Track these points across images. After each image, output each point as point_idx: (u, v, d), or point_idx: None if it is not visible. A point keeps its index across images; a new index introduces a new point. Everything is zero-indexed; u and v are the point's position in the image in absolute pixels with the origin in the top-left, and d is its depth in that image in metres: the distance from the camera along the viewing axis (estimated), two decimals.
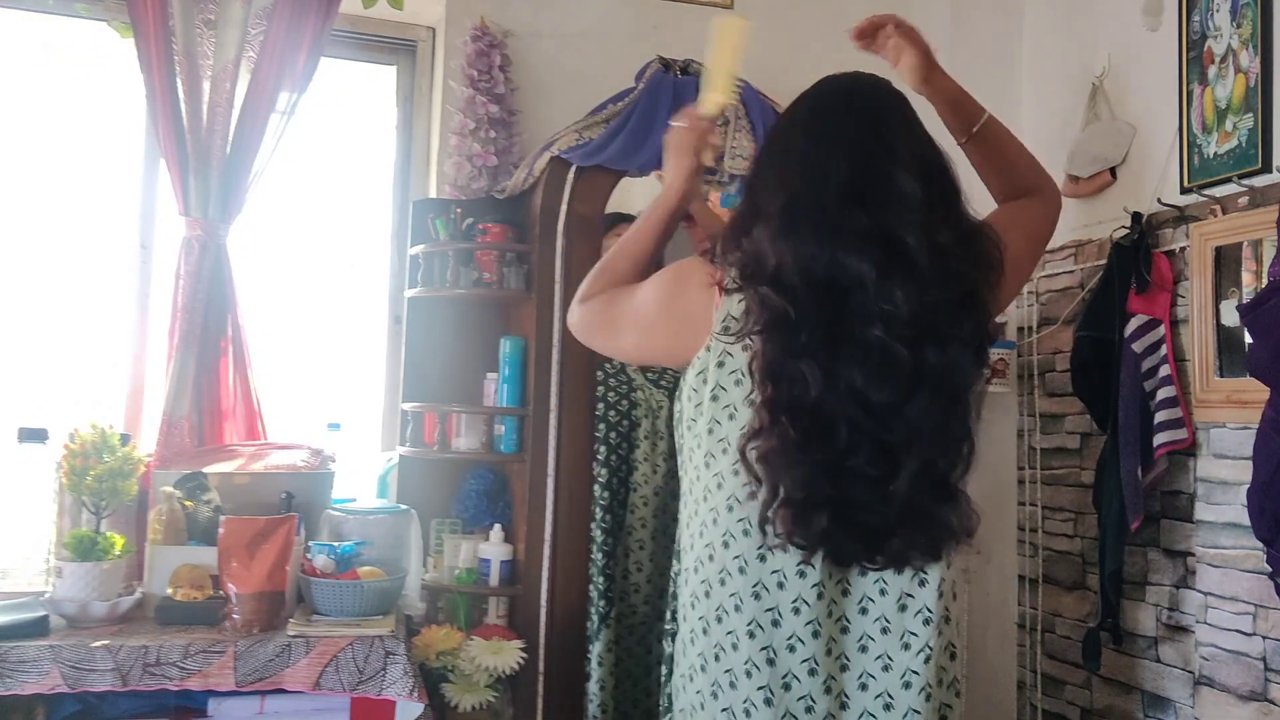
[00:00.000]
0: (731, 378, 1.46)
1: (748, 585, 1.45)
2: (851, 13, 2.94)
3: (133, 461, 2.01)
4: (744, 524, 1.45)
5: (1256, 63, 2.16)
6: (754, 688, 1.44)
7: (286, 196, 2.68)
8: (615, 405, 2.47)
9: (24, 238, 2.57)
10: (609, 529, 2.52)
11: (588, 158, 2.27)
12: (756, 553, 1.45)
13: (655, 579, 2.53)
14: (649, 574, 2.53)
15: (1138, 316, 2.36)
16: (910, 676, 1.43)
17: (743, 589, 1.45)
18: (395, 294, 2.74)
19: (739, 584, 1.45)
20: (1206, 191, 2.27)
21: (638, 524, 2.54)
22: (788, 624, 1.44)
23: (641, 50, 2.54)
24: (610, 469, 2.52)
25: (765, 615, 1.44)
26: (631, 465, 2.56)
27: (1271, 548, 1.92)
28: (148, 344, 2.54)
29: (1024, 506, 2.84)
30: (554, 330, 2.24)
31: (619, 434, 2.50)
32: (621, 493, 2.55)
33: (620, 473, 2.54)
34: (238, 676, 1.77)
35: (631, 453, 2.56)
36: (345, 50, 2.74)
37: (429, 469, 2.47)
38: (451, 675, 2.10)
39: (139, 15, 2.35)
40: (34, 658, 1.71)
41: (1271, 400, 1.92)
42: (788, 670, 1.43)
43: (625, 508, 2.55)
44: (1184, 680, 2.30)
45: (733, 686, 1.44)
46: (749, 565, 1.45)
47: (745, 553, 1.45)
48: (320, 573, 1.95)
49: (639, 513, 2.55)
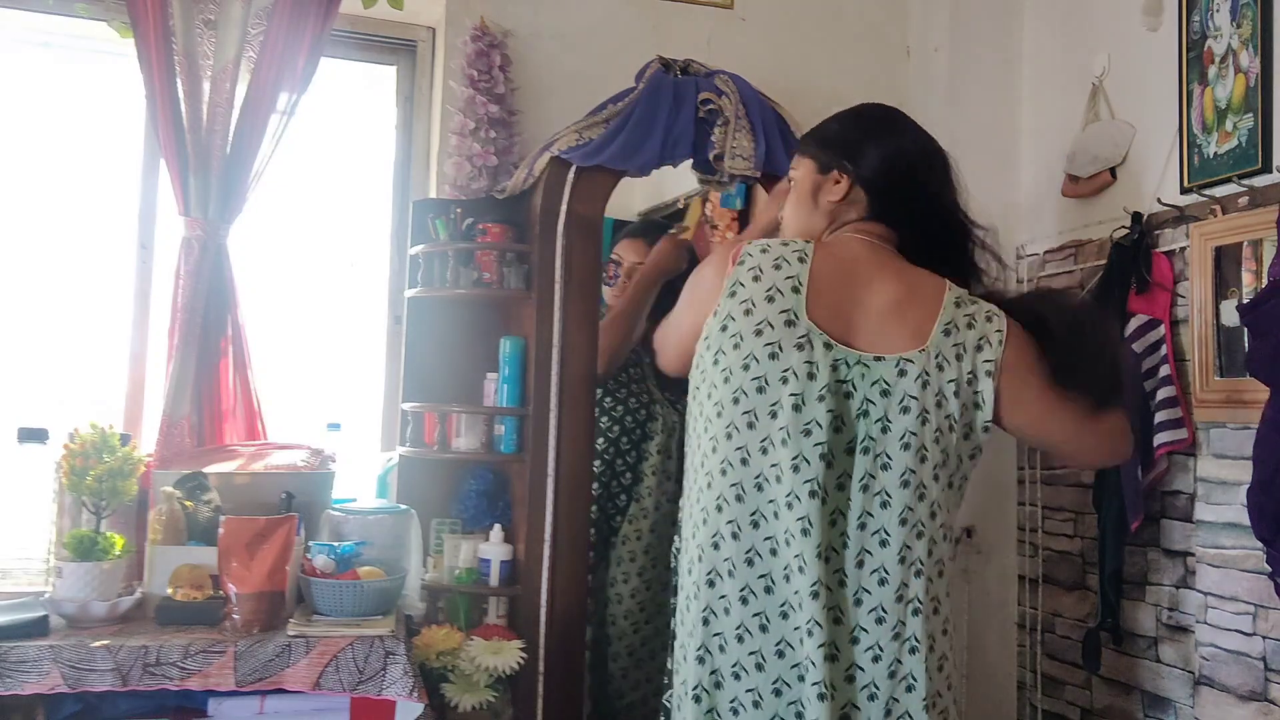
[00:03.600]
0: (731, 341, 1.56)
1: (741, 551, 1.54)
2: (852, 13, 2.98)
3: (133, 461, 2.00)
4: (737, 489, 1.55)
5: (1256, 63, 2.16)
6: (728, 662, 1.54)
7: (286, 196, 2.68)
8: (634, 412, 2.49)
9: (24, 238, 2.58)
10: (602, 531, 2.52)
11: (588, 158, 2.27)
12: (749, 519, 1.55)
13: (640, 591, 2.54)
14: (634, 587, 2.54)
15: (1138, 316, 2.36)
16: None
17: (736, 554, 1.55)
18: (395, 294, 2.74)
19: (733, 549, 1.54)
20: (1206, 191, 2.27)
21: (633, 534, 2.55)
22: (779, 591, 1.53)
23: (641, 50, 2.54)
24: (614, 473, 2.52)
25: (759, 581, 1.54)
26: (639, 475, 2.56)
27: (1271, 548, 1.92)
28: (148, 344, 2.55)
29: (1024, 506, 2.84)
30: (554, 330, 2.24)
31: (630, 440, 2.51)
32: (622, 499, 2.55)
33: (624, 479, 2.54)
34: (238, 676, 1.77)
35: (640, 463, 2.57)
36: (345, 50, 2.74)
37: (429, 469, 2.47)
38: (451, 675, 2.10)
39: (139, 15, 2.35)
40: (34, 658, 1.71)
41: (1271, 400, 1.92)
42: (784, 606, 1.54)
43: (624, 516, 2.55)
44: (1184, 680, 2.30)
45: (721, 650, 1.55)
46: (742, 531, 1.55)
47: (738, 517, 1.55)
48: (320, 573, 1.95)
49: (636, 524, 2.55)
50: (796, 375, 1.53)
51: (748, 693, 1.53)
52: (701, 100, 2.34)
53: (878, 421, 1.53)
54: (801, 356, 1.53)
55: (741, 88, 2.38)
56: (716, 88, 2.36)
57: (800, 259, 1.59)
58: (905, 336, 1.57)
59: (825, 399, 1.52)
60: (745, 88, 2.39)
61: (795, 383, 1.53)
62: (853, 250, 1.64)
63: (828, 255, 1.61)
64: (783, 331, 1.54)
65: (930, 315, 1.59)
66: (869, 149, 1.67)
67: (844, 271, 1.60)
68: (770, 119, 2.37)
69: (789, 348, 1.54)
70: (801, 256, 1.59)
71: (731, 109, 2.33)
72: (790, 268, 1.58)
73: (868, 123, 1.72)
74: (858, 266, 1.62)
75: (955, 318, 1.59)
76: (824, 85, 2.79)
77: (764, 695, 1.52)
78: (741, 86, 2.38)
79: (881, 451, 1.53)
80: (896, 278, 1.62)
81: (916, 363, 1.55)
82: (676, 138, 2.32)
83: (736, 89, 2.37)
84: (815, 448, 1.51)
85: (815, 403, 1.52)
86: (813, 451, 1.51)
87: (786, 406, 1.52)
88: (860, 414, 1.54)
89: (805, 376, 1.53)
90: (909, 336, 1.57)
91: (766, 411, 1.53)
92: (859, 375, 1.54)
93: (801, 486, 1.51)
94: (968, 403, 1.58)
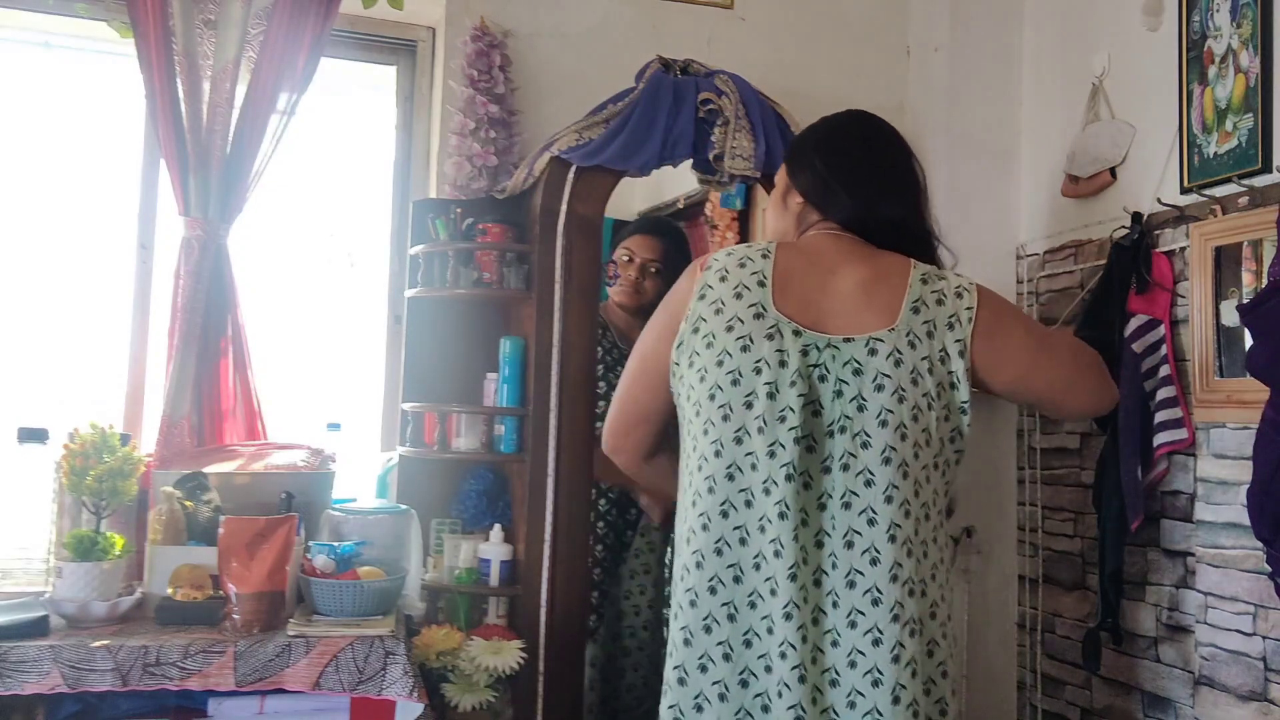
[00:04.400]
0: (704, 341, 1.58)
1: (710, 541, 1.55)
2: (851, 13, 2.98)
3: (133, 461, 2.00)
4: (709, 482, 1.56)
5: (1256, 63, 2.16)
6: (714, 642, 1.54)
7: (286, 196, 2.68)
8: None
9: (24, 237, 2.58)
10: (611, 545, 2.52)
11: (588, 158, 2.27)
12: (719, 510, 1.55)
13: (658, 602, 2.54)
14: (651, 598, 2.54)
15: (1138, 316, 2.36)
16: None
17: (705, 546, 1.55)
18: (395, 294, 2.74)
19: (702, 540, 1.55)
20: (1206, 191, 2.27)
21: (645, 547, 2.55)
22: (749, 580, 1.53)
23: (641, 50, 2.54)
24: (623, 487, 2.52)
25: (727, 570, 1.54)
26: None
27: (1271, 548, 1.92)
28: (148, 344, 2.55)
29: (1024, 506, 2.83)
30: (554, 330, 2.24)
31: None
32: (633, 513, 2.55)
33: (632, 492, 2.54)
34: (238, 676, 1.77)
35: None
36: (345, 50, 2.74)
37: (429, 469, 2.47)
38: (451, 675, 2.10)
39: (139, 15, 2.35)
40: (34, 658, 1.71)
41: (1271, 400, 1.92)
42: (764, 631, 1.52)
43: (635, 529, 2.55)
44: (1184, 680, 2.30)
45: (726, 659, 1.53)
46: (711, 522, 1.55)
47: (709, 510, 1.55)
48: (320, 573, 1.95)
49: (648, 535, 2.56)
50: (769, 364, 1.54)
51: (713, 685, 1.53)
52: (701, 100, 2.35)
53: (852, 400, 1.54)
54: (772, 346, 1.55)
55: (741, 88, 2.38)
56: (716, 88, 2.36)
57: (764, 255, 1.62)
58: (874, 316, 1.58)
59: (797, 384, 1.53)
60: (745, 88, 2.39)
61: (768, 371, 1.54)
62: (818, 244, 1.68)
63: (793, 250, 1.65)
64: (752, 325, 1.56)
65: (897, 293, 1.60)
66: (805, 171, 1.73)
67: (809, 263, 1.63)
68: (770, 119, 2.37)
69: (759, 339, 1.55)
70: (765, 253, 1.63)
71: (731, 109, 2.33)
72: (755, 264, 1.61)
73: (817, 138, 1.76)
74: (823, 257, 1.64)
75: (923, 295, 1.60)
76: (824, 85, 2.79)
77: (730, 688, 1.53)
78: (741, 86, 2.38)
79: (860, 430, 1.53)
80: (862, 261, 1.64)
81: (887, 341, 1.56)
82: (676, 138, 2.32)
83: (736, 89, 2.37)
84: (790, 432, 1.52)
85: (788, 389, 1.53)
86: (787, 436, 1.52)
87: (761, 395, 1.53)
88: (835, 395, 1.54)
89: (777, 365, 1.54)
90: (877, 315, 1.58)
91: (741, 403, 1.54)
92: (830, 358, 1.55)
93: (778, 471, 1.51)
94: (944, 383, 1.58)
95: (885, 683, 1.49)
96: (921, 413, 1.56)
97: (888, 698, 1.49)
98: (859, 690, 1.50)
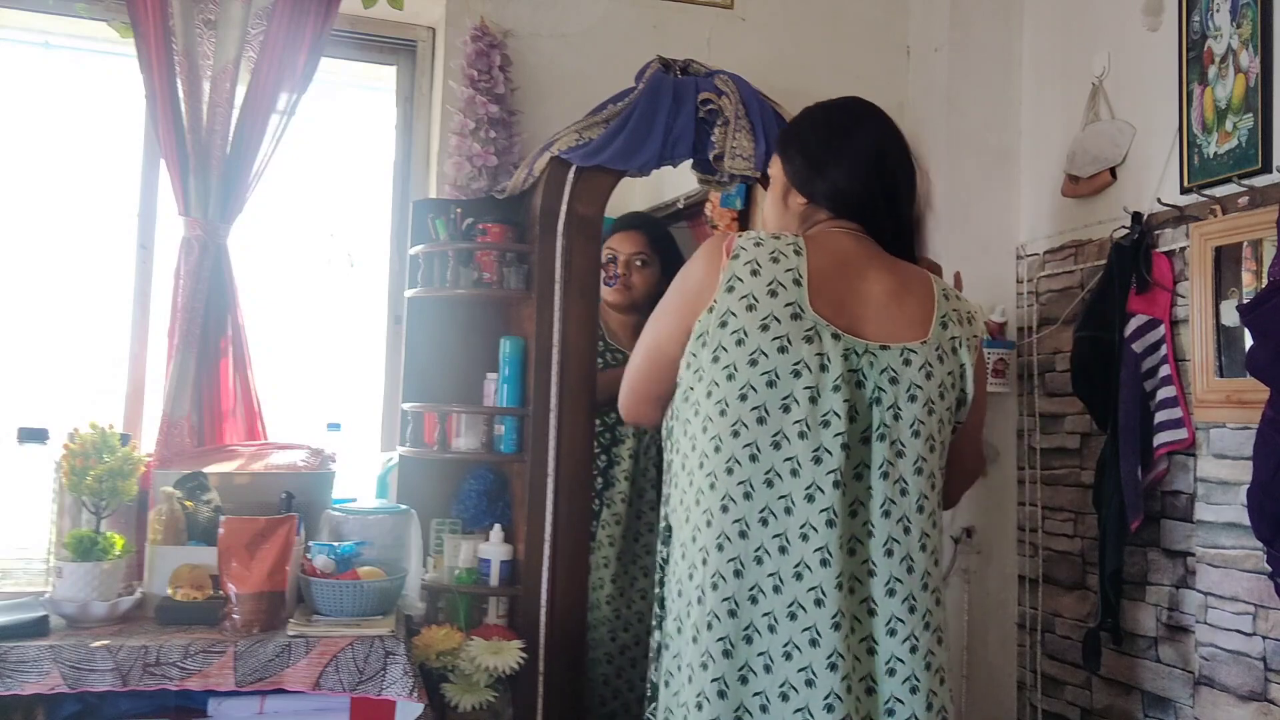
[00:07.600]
0: (733, 338, 1.53)
1: (749, 549, 1.51)
2: (851, 13, 2.98)
3: (133, 461, 2.00)
4: (744, 487, 1.51)
5: (1256, 63, 2.16)
6: (754, 653, 1.50)
7: (286, 196, 2.68)
8: (604, 416, 2.47)
9: (24, 237, 2.57)
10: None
11: (588, 158, 2.27)
12: (758, 516, 1.51)
13: (615, 599, 2.54)
14: (609, 593, 2.54)
15: (1138, 316, 2.36)
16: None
17: (744, 553, 1.51)
18: (395, 294, 2.74)
19: (740, 548, 1.51)
20: (1206, 191, 2.27)
21: (605, 540, 2.55)
22: (789, 589, 1.50)
23: (641, 50, 2.54)
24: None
25: (768, 580, 1.50)
26: (611, 480, 2.56)
27: (1271, 548, 1.92)
28: (148, 344, 2.54)
29: (1024, 506, 2.83)
30: (554, 330, 2.24)
31: (600, 444, 2.49)
32: (594, 504, 2.54)
33: (595, 484, 2.53)
34: (238, 676, 1.77)
35: (612, 467, 2.56)
36: (345, 50, 2.74)
37: (429, 469, 2.47)
38: (451, 675, 2.10)
39: (139, 15, 2.35)
40: (34, 658, 1.71)
41: (1271, 400, 1.92)
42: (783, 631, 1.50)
43: (597, 521, 2.55)
44: (1184, 680, 2.30)
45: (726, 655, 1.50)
46: (750, 529, 1.51)
47: (746, 515, 1.51)
48: (320, 573, 1.95)
49: (609, 529, 2.55)
50: (809, 368, 1.52)
51: (754, 696, 1.50)
52: (701, 100, 2.35)
53: (890, 409, 1.55)
54: (811, 349, 1.53)
55: (741, 88, 2.38)
56: (716, 88, 2.36)
57: (796, 251, 1.59)
58: (905, 326, 1.60)
59: (840, 389, 1.52)
60: (745, 88, 2.39)
61: (809, 375, 1.52)
62: (841, 243, 1.66)
63: (820, 248, 1.62)
64: (790, 325, 1.54)
65: (926, 307, 1.62)
66: (819, 180, 1.69)
67: (838, 263, 1.61)
68: (770, 119, 2.37)
69: (797, 340, 1.53)
70: (797, 249, 1.59)
71: (731, 109, 2.33)
72: (789, 260, 1.57)
73: (824, 140, 1.72)
74: (849, 258, 1.63)
75: (947, 311, 1.64)
76: (824, 85, 2.77)
77: (771, 699, 1.50)
78: (741, 86, 2.38)
79: (896, 439, 1.55)
80: (887, 269, 1.65)
81: (920, 353, 1.58)
82: (676, 138, 2.32)
83: (736, 89, 2.37)
84: (836, 438, 1.51)
85: (831, 393, 1.52)
86: (834, 442, 1.51)
87: (802, 399, 1.52)
88: (873, 401, 1.55)
89: (818, 368, 1.52)
90: (908, 326, 1.60)
91: (778, 406, 1.52)
92: (868, 364, 1.55)
93: (825, 478, 1.50)
94: (960, 399, 1.65)
95: (921, 690, 1.50)
96: (943, 426, 1.60)
97: (923, 704, 1.50)
98: (897, 698, 1.50)
